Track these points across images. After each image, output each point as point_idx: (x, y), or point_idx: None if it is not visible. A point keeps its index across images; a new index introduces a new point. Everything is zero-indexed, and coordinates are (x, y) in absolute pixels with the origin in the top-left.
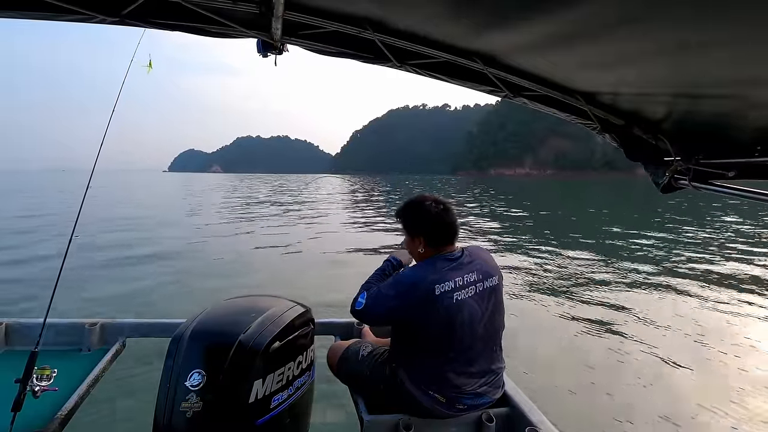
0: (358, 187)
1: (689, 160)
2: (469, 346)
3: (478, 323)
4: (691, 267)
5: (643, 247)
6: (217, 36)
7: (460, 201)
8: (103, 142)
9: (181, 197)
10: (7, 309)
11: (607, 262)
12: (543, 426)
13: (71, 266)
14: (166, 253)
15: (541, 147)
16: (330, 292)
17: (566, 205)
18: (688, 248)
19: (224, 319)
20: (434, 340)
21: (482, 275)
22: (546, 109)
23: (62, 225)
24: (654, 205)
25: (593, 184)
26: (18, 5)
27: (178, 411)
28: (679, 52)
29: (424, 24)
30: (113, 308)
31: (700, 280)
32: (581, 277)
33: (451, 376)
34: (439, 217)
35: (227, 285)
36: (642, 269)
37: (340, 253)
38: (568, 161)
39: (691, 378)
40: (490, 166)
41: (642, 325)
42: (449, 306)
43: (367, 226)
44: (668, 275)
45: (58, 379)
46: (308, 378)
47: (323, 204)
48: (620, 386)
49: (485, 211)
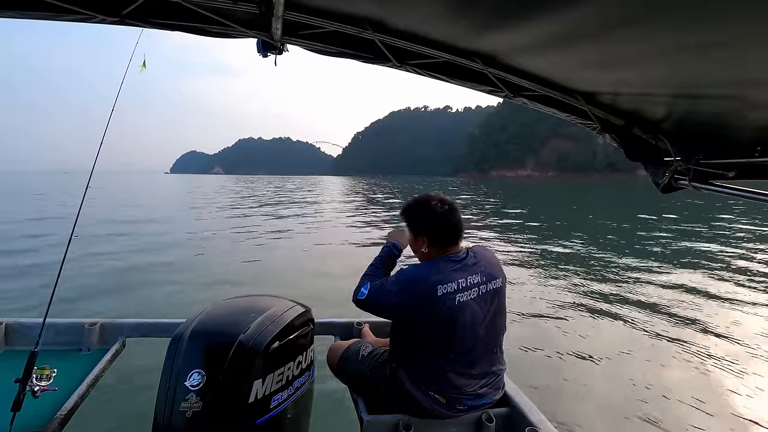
0: (360, 187)
1: (689, 160)
2: (470, 348)
3: (480, 325)
4: (697, 267)
5: (646, 247)
6: (217, 36)
7: (461, 202)
8: (102, 142)
9: (183, 198)
10: (7, 309)
11: (610, 263)
12: (543, 426)
13: (71, 266)
14: (166, 253)
15: (543, 148)
16: (330, 291)
17: (569, 205)
18: (695, 248)
19: (224, 319)
20: (435, 340)
21: (486, 277)
22: (546, 110)
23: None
24: (657, 206)
25: (595, 185)
26: (18, 5)
27: (178, 411)
28: (679, 52)
29: (424, 24)
30: (113, 308)
31: (708, 281)
32: (583, 278)
33: (452, 377)
34: (445, 217)
35: (227, 285)
36: (645, 270)
37: (340, 253)
38: (570, 163)
39: (691, 378)
40: (491, 167)
41: (647, 327)
42: (451, 307)
43: (368, 225)
44: (673, 276)
45: (58, 379)
46: (308, 378)
47: (324, 204)
48: (621, 387)
49: (486, 210)
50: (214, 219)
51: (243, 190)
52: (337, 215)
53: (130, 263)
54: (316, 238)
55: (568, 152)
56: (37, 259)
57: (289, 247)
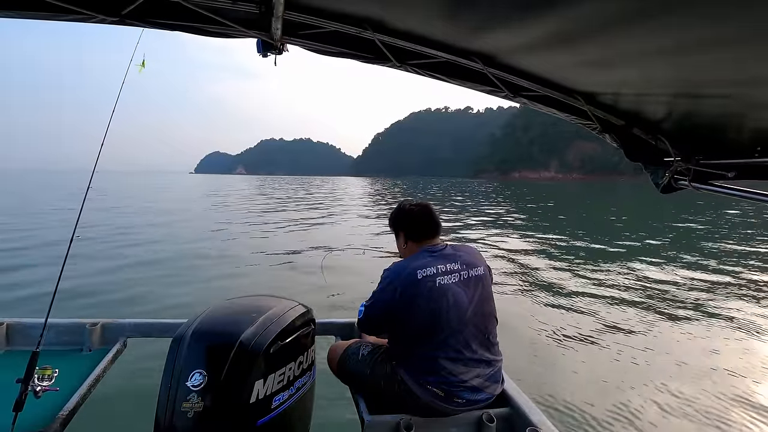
0: (376, 189)
1: (689, 160)
2: (458, 330)
3: (466, 308)
4: (707, 270)
5: (657, 249)
6: (217, 36)
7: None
8: (103, 143)
9: (202, 200)
10: (8, 309)
11: (620, 265)
12: (544, 426)
13: (72, 266)
14: (166, 253)
15: (567, 150)
16: (331, 291)
17: (591, 206)
18: (706, 250)
19: (225, 319)
20: (422, 325)
21: (466, 265)
22: (546, 110)
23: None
24: (679, 209)
25: (621, 187)
26: (18, 5)
27: (179, 411)
28: (679, 52)
29: (423, 24)
30: (114, 308)
31: (715, 284)
32: (587, 279)
33: (445, 363)
34: (415, 213)
35: (229, 285)
36: (653, 272)
37: (341, 252)
38: (596, 165)
39: (692, 378)
40: (513, 169)
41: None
42: (432, 289)
43: (375, 227)
44: (683, 278)
45: (60, 379)
46: (309, 378)
47: (333, 205)
48: (621, 387)
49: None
50: (223, 219)
51: (266, 189)
52: (345, 215)
53: (131, 263)
54: (319, 238)
55: (592, 154)
56: (40, 258)
57: (291, 248)
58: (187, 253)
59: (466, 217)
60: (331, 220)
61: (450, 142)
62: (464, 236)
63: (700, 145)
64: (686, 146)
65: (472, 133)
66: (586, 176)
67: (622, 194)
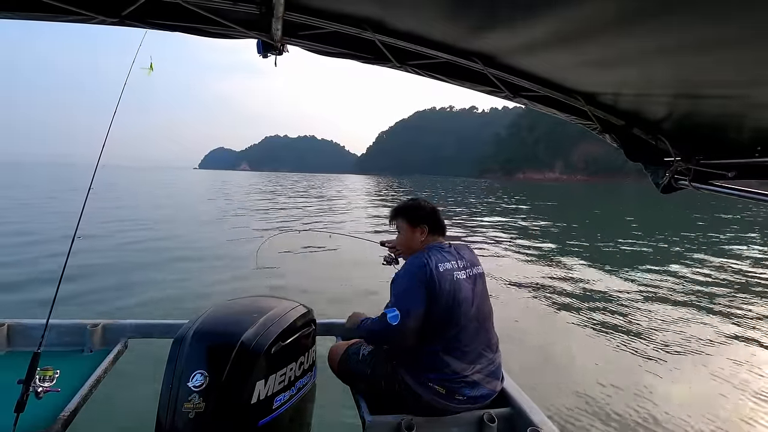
0: (380, 187)
1: (689, 160)
2: (464, 325)
3: (471, 304)
4: (707, 271)
5: (659, 251)
6: (217, 36)
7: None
8: (105, 143)
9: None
10: (10, 309)
11: (623, 267)
12: (545, 426)
13: (73, 266)
14: (167, 253)
15: (572, 151)
16: (331, 292)
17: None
18: (709, 250)
19: (227, 319)
20: (437, 320)
21: (469, 263)
22: (546, 110)
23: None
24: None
25: (626, 188)
26: (18, 6)
27: (181, 411)
28: (679, 53)
29: (423, 24)
30: (115, 308)
31: (719, 285)
32: (588, 280)
33: (449, 360)
34: (435, 209)
35: (229, 285)
36: (656, 273)
37: (342, 253)
38: (600, 166)
39: (692, 378)
40: (518, 169)
41: (653, 329)
42: (451, 281)
43: (378, 226)
44: (684, 280)
45: (61, 379)
46: (310, 378)
47: (332, 203)
48: (622, 388)
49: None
50: (219, 218)
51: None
52: (345, 214)
53: (132, 263)
54: (320, 238)
55: (597, 155)
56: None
57: (291, 248)
58: (199, 253)
59: (472, 215)
60: (333, 219)
61: (454, 141)
62: (468, 236)
63: (700, 145)
64: (686, 146)
65: (476, 132)
66: (591, 177)
67: (627, 196)
